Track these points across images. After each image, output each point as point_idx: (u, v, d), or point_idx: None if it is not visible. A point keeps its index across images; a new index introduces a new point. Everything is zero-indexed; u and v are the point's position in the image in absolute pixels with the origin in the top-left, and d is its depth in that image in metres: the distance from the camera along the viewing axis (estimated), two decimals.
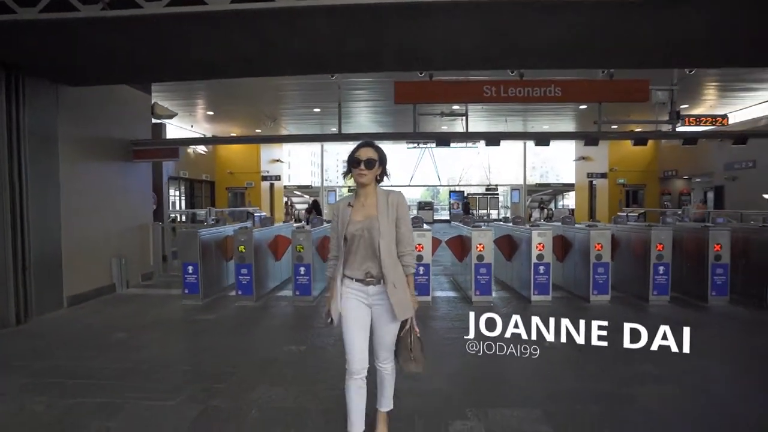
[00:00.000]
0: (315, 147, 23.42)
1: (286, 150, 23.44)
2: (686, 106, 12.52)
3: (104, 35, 3.89)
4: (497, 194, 27.20)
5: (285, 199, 23.03)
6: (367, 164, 1.86)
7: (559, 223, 6.39)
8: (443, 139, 6.31)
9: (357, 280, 1.89)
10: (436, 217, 27.59)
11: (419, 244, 5.15)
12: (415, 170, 28.09)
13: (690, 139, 7.18)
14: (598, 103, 6.03)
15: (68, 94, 5.24)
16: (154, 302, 5.46)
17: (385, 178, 2.00)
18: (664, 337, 2.24)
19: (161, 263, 6.93)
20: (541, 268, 5.30)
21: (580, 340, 2.36)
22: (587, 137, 6.91)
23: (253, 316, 4.80)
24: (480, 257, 5.27)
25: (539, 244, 5.30)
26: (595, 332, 2.38)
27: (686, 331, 1.99)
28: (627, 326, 2.31)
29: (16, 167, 4.51)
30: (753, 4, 3.42)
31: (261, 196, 19.60)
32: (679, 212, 10.81)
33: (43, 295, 4.78)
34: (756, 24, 3.77)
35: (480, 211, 24.31)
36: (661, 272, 5.21)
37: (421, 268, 5.20)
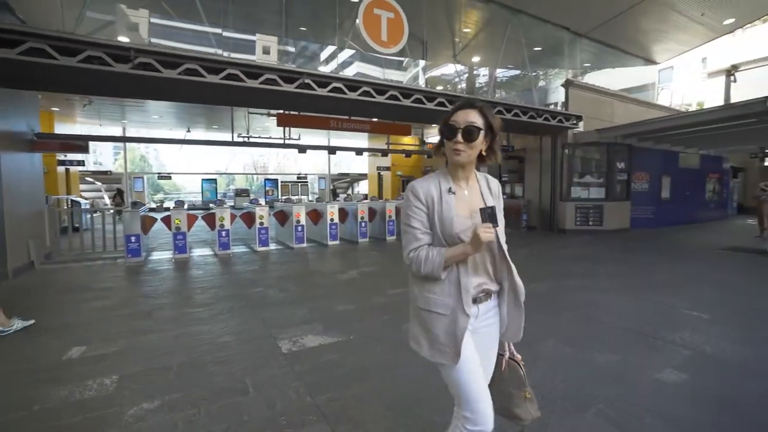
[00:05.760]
0: (116, 130, 21.55)
1: (79, 131, 20.72)
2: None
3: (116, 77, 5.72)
4: (306, 182, 31.62)
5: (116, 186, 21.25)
6: (466, 134, 1.29)
7: (341, 200, 10.82)
8: (303, 149, 9.80)
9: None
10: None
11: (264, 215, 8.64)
12: (231, 159, 29.44)
13: (429, 154, 13.24)
14: (387, 134, 10.96)
15: None
16: (94, 268, 6.88)
17: (492, 156, 1.39)
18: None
19: (58, 243, 7.75)
20: (333, 226, 9.22)
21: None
22: (382, 151, 11.80)
23: (195, 264, 7.19)
24: (297, 221, 8.83)
25: (331, 212, 9.22)
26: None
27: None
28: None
29: None
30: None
31: (58, 183, 17.43)
32: None
33: None
34: None
35: (293, 196, 28.14)
36: (392, 225, 10.01)
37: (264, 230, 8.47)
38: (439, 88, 10.49)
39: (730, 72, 16.88)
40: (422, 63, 10.25)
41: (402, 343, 3.43)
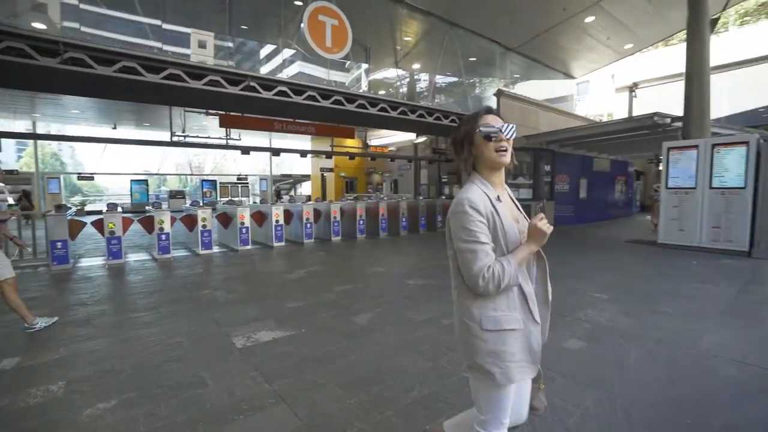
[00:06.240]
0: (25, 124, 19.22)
1: None
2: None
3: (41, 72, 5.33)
4: (247, 183, 30.61)
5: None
6: (508, 132, 1.31)
7: (286, 201, 10.91)
8: (246, 150, 9.65)
9: None
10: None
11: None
12: (164, 159, 27.63)
13: (372, 157, 13.69)
14: (331, 136, 11.17)
15: None
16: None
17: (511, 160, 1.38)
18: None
19: None
20: (278, 228, 9.28)
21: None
22: (327, 153, 11.98)
23: (133, 270, 6.87)
24: (242, 223, 8.75)
25: (276, 213, 9.24)
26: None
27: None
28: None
29: None
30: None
31: None
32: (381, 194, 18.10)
33: None
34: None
35: (235, 198, 27.11)
36: (336, 226, 10.45)
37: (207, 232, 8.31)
38: (382, 92, 10.93)
39: (632, 89, 19.40)
40: (365, 66, 10.60)
41: (351, 332, 3.73)
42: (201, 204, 9.07)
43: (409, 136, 19.15)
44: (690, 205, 8.22)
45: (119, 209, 7.50)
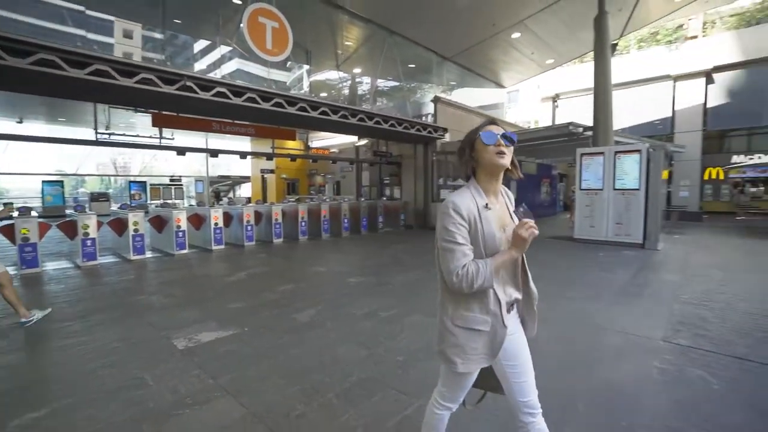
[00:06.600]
0: None
1: None
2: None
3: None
4: (181, 184, 28.86)
5: None
6: (504, 139, 1.39)
7: (225, 203, 10.69)
8: (182, 151, 9.22)
9: None
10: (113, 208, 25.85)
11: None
12: (84, 159, 25.07)
13: (314, 159, 13.77)
14: (272, 138, 11.08)
15: None
16: None
17: (514, 170, 1.47)
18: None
19: None
20: (217, 230, 9.06)
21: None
22: (267, 155, 11.82)
23: (52, 279, 6.34)
24: (178, 227, 8.42)
25: (215, 216, 8.99)
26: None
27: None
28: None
29: None
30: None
31: None
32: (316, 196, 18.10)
33: None
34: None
35: (169, 201, 25.43)
36: (278, 228, 10.42)
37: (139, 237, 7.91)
38: (324, 94, 11.06)
39: (554, 99, 21.38)
40: (306, 67, 10.65)
41: (293, 328, 3.89)
42: (131, 206, 8.54)
43: (350, 139, 19.36)
44: (599, 205, 9.38)
45: (33, 213, 6.86)
